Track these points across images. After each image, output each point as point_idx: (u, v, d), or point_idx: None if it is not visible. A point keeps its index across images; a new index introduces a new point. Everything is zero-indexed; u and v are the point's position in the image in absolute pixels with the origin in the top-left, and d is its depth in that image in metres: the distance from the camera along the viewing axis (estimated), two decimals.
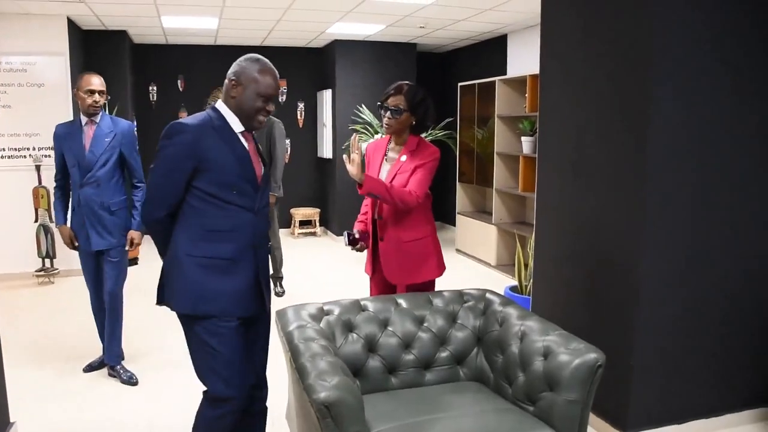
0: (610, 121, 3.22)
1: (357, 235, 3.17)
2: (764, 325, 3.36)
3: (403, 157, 3.10)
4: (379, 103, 3.14)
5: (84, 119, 3.83)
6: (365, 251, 3.28)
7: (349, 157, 2.93)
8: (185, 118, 2.41)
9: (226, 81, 2.42)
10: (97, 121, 3.82)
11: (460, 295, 2.94)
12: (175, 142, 2.31)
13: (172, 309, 2.43)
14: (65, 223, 3.96)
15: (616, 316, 3.20)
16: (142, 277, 5.77)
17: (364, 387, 2.61)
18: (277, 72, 2.45)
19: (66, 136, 3.83)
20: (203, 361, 2.42)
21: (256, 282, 2.48)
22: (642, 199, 3.04)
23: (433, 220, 3.26)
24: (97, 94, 3.76)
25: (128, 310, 4.12)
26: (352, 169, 2.89)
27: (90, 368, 4.11)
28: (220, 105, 2.44)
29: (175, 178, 2.33)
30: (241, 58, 2.43)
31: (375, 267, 3.27)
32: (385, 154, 3.20)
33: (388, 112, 3.06)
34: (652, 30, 2.91)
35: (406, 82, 3.17)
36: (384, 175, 3.15)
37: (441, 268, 3.22)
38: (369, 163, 3.28)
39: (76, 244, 3.92)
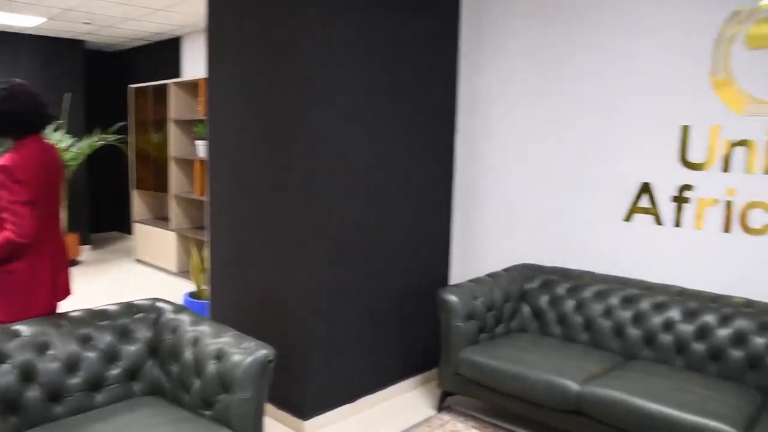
0: (265, 127, 3.38)
1: None
2: (406, 306, 3.87)
3: None
4: None
5: None
6: None
7: None
8: None
9: None
10: None
11: (129, 307, 2.82)
12: None
13: None
14: None
15: (288, 313, 3.38)
16: None
17: (21, 423, 2.36)
18: None
19: None
20: None
21: None
22: (294, 200, 3.25)
23: (38, 257, 2.71)
24: None
25: None
26: None
27: None
28: None
29: None
30: None
31: None
32: None
33: None
34: (300, 48, 3.14)
35: None
36: None
37: (12, 315, 2.67)
38: None
39: None
